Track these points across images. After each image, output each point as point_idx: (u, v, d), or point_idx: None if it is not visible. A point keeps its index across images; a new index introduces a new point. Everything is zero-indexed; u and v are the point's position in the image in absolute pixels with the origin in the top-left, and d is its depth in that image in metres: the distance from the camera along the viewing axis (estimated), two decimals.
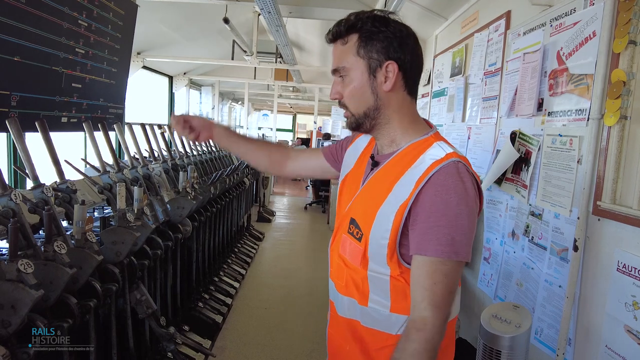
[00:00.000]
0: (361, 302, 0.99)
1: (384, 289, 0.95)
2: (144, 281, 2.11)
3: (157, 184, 2.42)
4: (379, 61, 0.93)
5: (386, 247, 0.92)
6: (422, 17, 3.36)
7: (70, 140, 3.85)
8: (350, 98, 0.97)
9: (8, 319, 1.15)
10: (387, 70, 0.93)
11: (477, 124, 2.42)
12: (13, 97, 2.27)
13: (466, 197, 0.87)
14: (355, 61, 0.94)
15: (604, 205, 1.33)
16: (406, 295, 0.93)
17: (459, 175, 0.87)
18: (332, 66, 0.98)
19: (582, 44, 1.48)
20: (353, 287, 1.00)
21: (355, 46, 0.94)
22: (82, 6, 2.78)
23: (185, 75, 7.20)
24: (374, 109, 0.96)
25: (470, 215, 0.87)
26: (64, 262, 1.37)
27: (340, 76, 0.97)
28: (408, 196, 0.88)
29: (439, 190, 0.86)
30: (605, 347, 1.29)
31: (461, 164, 0.89)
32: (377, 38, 0.93)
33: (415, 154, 0.93)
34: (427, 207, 0.87)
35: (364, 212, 0.97)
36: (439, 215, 0.86)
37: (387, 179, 0.95)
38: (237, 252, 4.35)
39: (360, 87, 0.95)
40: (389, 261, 0.93)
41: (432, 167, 0.88)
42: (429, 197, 0.87)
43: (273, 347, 2.79)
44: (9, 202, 1.35)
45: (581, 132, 1.47)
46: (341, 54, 0.96)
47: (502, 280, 2.00)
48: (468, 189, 0.88)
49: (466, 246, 0.87)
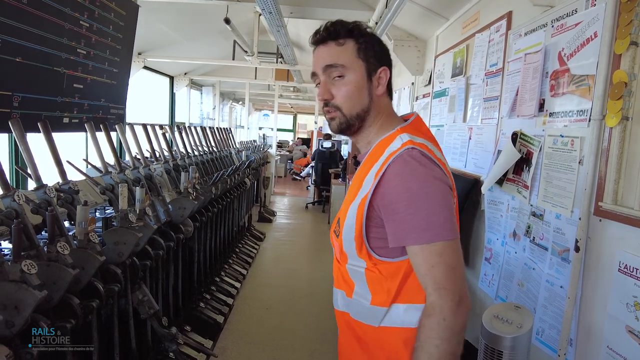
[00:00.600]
0: (348, 294, 1.03)
1: (362, 281, 0.99)
2: (145, 281, 2.11)
3: (158, 185, 2.43)
4: (374, 66, 0.99)
5: (353, 241, 0.96)
6: (423, 17, 3.36)
7: (72, 140, 3.85)
8: (347, 98, 0.98)
9: (12, 319, 1.16)
10: (380, 75, 1.00)
11: (479, 125, 2.42)
12: (15, 98, 2.27)
13: (428, 177, 0.89)
14: (356, 62, 0.98)
15: (605, 206, 1.33)
16: (382, 287, 0.96)
17: (414, 160, 0.89)
18: (325, 62, 0.98)
19: (583, 45, 1.48)
20: (342, 280, 1.05)
21: (355, 49, 0.98)
22: (84, 7, 2.79)
23: (186, 75, 7.21)
24: (366, 111, 1.00)
25: (438, 193, 0.88)
26: (67, 263, 1.37)
27: (337, 76, 0.98)
28: (368, 190, 0.92)
29: (398, 180, 0.89)
30: (606, 347, 1.29)
31: (415, 150, 0.91)
32: (373, 44, 1.00)
33: (382, 148, 0.97)
34: (393, 199, 0.89)
35: (343, 210, 1.02)
36: (405, 204, 0.88)
37: (359, 176, 0.99)
38: (238, 252, 4.36)
39: (359, 88, 0.98)
40: (358, 253, 0.97)
41: (387, 158, 0.92)
42: (392, 189, 0.89)
43: (274, 347, 2.80)
44: (12, 203, 1.35)
45: (582, 132, 1.47)
46: (338, 53, 0.98)
47: (504, 281, 2.00)
48: (429, 169, 0.89)
49: (445, 224, 0.87)
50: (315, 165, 7.93)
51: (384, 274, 0.95)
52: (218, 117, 8.53)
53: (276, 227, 6.19)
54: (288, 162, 12.95)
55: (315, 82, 1.03)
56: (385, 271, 0.95)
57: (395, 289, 0.94)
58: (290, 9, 3.91)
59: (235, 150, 5.19)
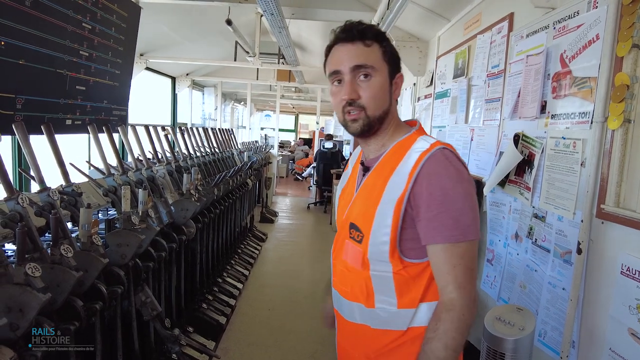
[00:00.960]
0: (368, 305, 1.00)
1: (389, 287, 0.97)
2: (148, 283, 2.12)
3: (161, 186, 2.44)
4: (394, 71, 1.02)
5: (388, 244, 0.95)
6: (424, 19, 3.36)
7: (74, 142, 3.86)
8: (373, 99, 0.97)
9: (16, 322, 1.16)
10: (397, 81, 1.03)
11: (480, 126, 2.42)
12: (18, 100, 2.29)
13: (459, 178, 0.91)
14: (383, 65, 0.99)
15: (607, 208, 1.33)
16: (410, 288, 0.96)
17: (447, 160, 0.92)
18: (355, 62, 0.96)
19: (585, 47, 1.48)
20: (358, 292, 1.02)
21: (381, 52, 0.99)
22: (86, 9, 2.80)
23: (188, 76, 7.22)
24: (386, 113, 1.01)
25: (468, 195, 0.91)
26: (71, 266, 1.38)
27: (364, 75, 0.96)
28: (403, 190, 0.92)
29: (432, 179, 0.90)
30: (609, 350, 1.29)
31: (447, 150, 0.94)
32: (394, 51, 1.02)
33: (403, 150, 0.97)
34: (425, 198, 0.90)
35: (362, 215, 1.00)
36: (438, 202, 0.89)
37: (379, 179, 0.98)
38: (240, 253, 4.37)
39: (384, 90, 0.99)
40: (390, 258, 0.95)
41: (420, 158, 0.92)
42: (425, 188, 0.91)
43: (277, 348, 2.80)
44: (16, 206, 1.36)
45: (585, 135, 1.47)
46: (367, 54, 0.97)
47: (506, 282, 2.00)
48: (459, 170, 0.92)
49: (472, 225, 0.91)
50: (316, 165, 7.93)
51: (411, 274, 0.96)
52: (220, 118, 8.55)
53: (278, 227, 6.20)
54: (290, 162, 12.96)
55: (334, 80, 1.00)
56: (413, 272, 0.96)
57: (423, 289, 0.96)
58: (291, 10, 3.92)
59: (237, 151, 5.20)
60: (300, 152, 13.23)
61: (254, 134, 11.46)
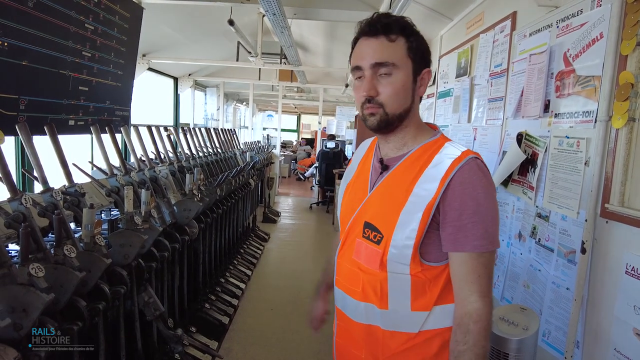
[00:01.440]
0: (381, 306, 0.99)
1: (404, 289, 0.97)
2: (151, 283, 2.12)
3: (163, 186, 2.44)
4: (420, 67, 0.98)
5: (411, 247, 0.93)
6: (427, 18, 3.35)
7: (77, 142, 3.88)
8: (393, 96, 0.95)
9: (20, 322, 1.17)
10: (424, 76, 0.99)
11: (483, 125, 2.41)
12: (22, 101, 2.29)
13: (490, 189, 0.93)
14: (406, 61, 0.96)
15: (612, 207, 1.32)
16: (425, 290, 0.96)
17: (480, 171, 0.92)
18: (375, 59, 0.94)
19: (589, 46, 1.48)
20: (371, 292, 1.00)
21: (406, 47, 0.95)
22: (89, 10, 2.80)
23: (190, 76, 7.23)
24: (408, 111, 0.98)
25: (495, 205, 0.94)
26: (74, 266, 1.38)
27: (384, 73, 0.94)
28: (434, 195, 0.91)
29: (466, 187, 0.90)
30: (614, 350, 1.29)
31: (479, 160, 0.94)
32: (422, 45, 0.98)
33: (430, 154, 0.96)
34: (457, 205, 0.90)
35: (382, 215, 0.98)
36: (470, 212, 0.90)
37: (404, 181, 0.96)
38: (242, 253, 4.37)
39: (406, 87, 0.96)
40: (412, 261, 0.94)
41: (453, 165, 0.91)
42: (457, 195, 0.90)
43: (280, 348, 2.80)
44: (19, 207, 1.36)
45: (588, 134, 1.46)
46: (389, 50, 0.94)
47: (509, 282, 1.99)
48: (490, 181, 0.94)
49: (497, 235, 0.93)
50: (319, 165, 7.94)
51: (428, 277, 0.96)
52: (222, 118, 8.56)
53: (280, 227, 6.20)
54: (292, 162, 12.97)
55: (356, 76, 0.98)
56: (430, 275, 0.96)
57: (438, 292, 0.96)
58: (294, 10, 3.91)
59: (239, 151, 5.20)
60: (302, 152, 13.23)
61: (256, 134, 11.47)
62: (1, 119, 2.13)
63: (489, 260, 0.92)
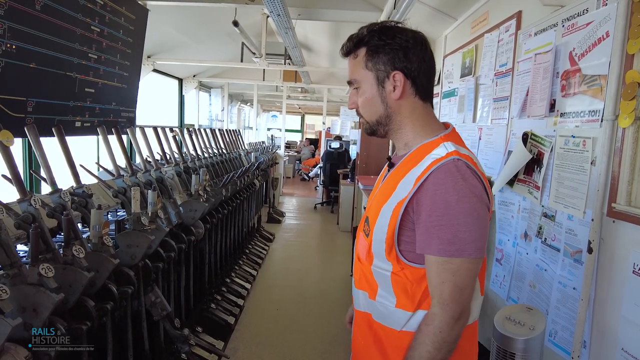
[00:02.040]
0: (371, 296, 1.03)
1: (387, 284, 0.99)
2: (158, 283, 2.14)
3: (169, 187, 2.45)
4: (385, 72, 0.99)
5: (384, 242, 0.96)
6: (431, 18, 3.35)
7: (84, 144, 3.90)
8: (363, 108, 1.04)
9: (30, 321, 1.18)
10: (395, 79, 0.99)
11: (488, 125, 2.41)
12: (29, 103, 2.31)
13: (467, 193, 0.89)
14: (365, 74, 1.01)
15: (618, 207, 1.32)
16: (407, 291, 0.96)
17: (458, 173, 0.90)
18: (348, 78, 1.06)
19: (595, 45, 1.47)
20: (365, 281, 1.05)
21: (364, 60, 1.00)
22: (95, 12, 2.82)
23: (195, 77, 7.26)
24: (385, 117, 1.02)
25: (473, 211, 0.89)
26: (82, 266, 1.39)
27: (354, 88, 1.04)
28: (406, 194, 0.93)
29: (438, 189, 0.89)
30: (621, 350, 1.28)
31: (461, 161, 0.91)
32: (382, 51, 0.99)
33: (422, 154, 0.97)
34: (427, 206, 0.90)
35: (373, 210, 1.02)
36: (439, 214, 0.88)
37: (395, 178, 0.99)
38: (248, 253, 4.39)
39: (370, 97, 1.02)
40: (387, 256, 0.96)
41: (430, 165, 0.91)
42: (429, 196, 0.90)
43: (285, 347, 2.81)
44: (28, 207, 1.38)
45: (595, 133, 1.46)
46: (353, 68, 1.03)
47: (515, 282, 1.99)
48: (470, 185, 0.90)
49: (473, 243, 0.88)
50: (323, 165, 7.94)
51: (410, 278, 0.95)
52: (227, 119, 8.58)
53: (285, 227, 6.21)
54: (296, 162, 12.98)
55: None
56: (412, 276, 0.95)
57: (421, 295, 0.95)
58: (298, 10, 3.92)
59: (244, 152, 5.22)
60: (307, 152, 13.24)
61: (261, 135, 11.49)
62: (10, 121, 2.15)
63: (459, 268, 0.88)
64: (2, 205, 1.26)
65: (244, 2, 3.68)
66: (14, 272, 1.21)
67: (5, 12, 2.03)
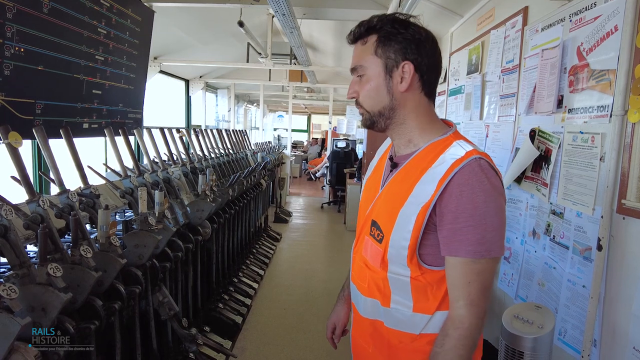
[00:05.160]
0: (384, 303, 0.99)
1: (405, 290, 0.96)
2: (165, 283, 2.15)
3: (176, 187, 2.47)
4: (395, 61, 0.95)
5: (407, 249, 0.92)
6: (437, 15, 3.33)
7: (91, 145, 3.94)
8: (367, 97, 0.98)
9: (39, 320, 1.19)
10: (404, 70, 0.94)
11: (495, 122, 2.39)
12: (38, 105, 2.34)
13: (493, 193, 0.87)
14: (373, 60, 0.96)
15: (628, 203, 1.30)
16: (427, 294, 0.94)
17: (482, 173, 0.87)
18: (351, 65, 1.00)
19: (603, 39, 1.45)
20: (375, 289, 1.01)
21: (374, 46, 0.95)
22: (101, 14, 2.85)
23: (201, 78, 7.29)
24: (389, 109, 0.97)
25: (499, 210, 0.88)
26: (90, 266, 1.40)
27: (358, 75, 0.99)
28: (430, 197, 0.89)
29: (464, 190, 0.86)
30: (632, 348, 1.26)
31: (483, 160, 0.89)
32: (395, 39, 0.94)
33: (436, 153, 0.93)
34: (453, 208, 0.87)
35: (385, 214, 0.98)
36: (466, 215, 0.86)
37: (407, 180, 0.95)
38: (255, 253, 4.39)
39: (376, 86, 0.96)
40: (409, 263, 0.93)
41: (453, 166, 0.88)
42: (454, 198, 0.87)
43: (293, 347, 2.81)
44: (37, 208, 1.39)
45: (603, 129, 1.44)
46: (360, 53, 0.98)
47: (523, 280, 1.97)
48: (494, 184, 0.88)
49: (498, 242, 0.88)
50: (330, 165, 7.94)
51: (429, 281, 0.93)
52: (233, 119, 8.61)
53: (292, 227, 6.21)
54: (303, 162, 12.99)
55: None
56: (431, 279, 0.93)
57: (441, 297, 0.93)
58: (303, 10, 3.92)
59: (250, 152, 5.23)
60: (313, 152, 13.24)
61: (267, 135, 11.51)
62: (18, 123, 2.18)
63: (485, 268, 0.87)
64: (11, 206, 1.27)
65: (249, 2, 3.69)
66: (23, 272, 1.23)
67: (13, 15, 2.06)
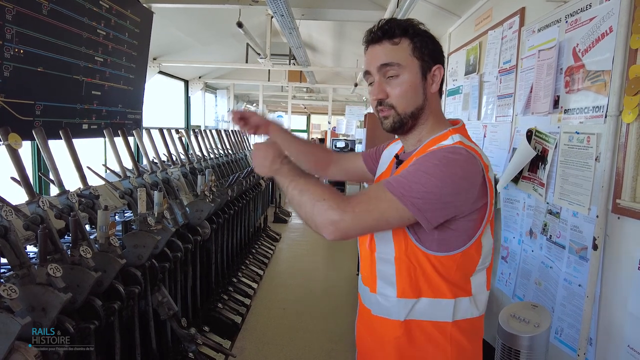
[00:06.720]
0: (372, 289, 1.02)
1: (390, 272, 0.97)
2: (164, 283, 2.16)
3: (176, 188, 2.48)
4: (429, 64, 0.98)
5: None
6: (435, 15, 3.34)
7: (90, 146, 3.94)
8: (402, 97, 0.97)
9: (39, 320, 1.20)
10: (435, 73, 0.99)
11: (493, 122, 2.40)
12: (37, 107, 2.35)
13: (448, 165, 0.87)
14: (411, 61, 0.97)
15: (623, 203, 1.31)
16: (410, 277, 0.95)
17: (453, 151, 0.90)
18: (381, 61, 0.97)
19: (598, 40, 1.46)
20: (368, 275, 1.04)
21: (410, 47, 0.97)
22: (101, 15, 2.86)
23: (201, 79, 7.30)
24: (420, 109, 0.99)
25: (446, 182, 0.86)
26: (90, 266, 1.42)
27: (389, 76, 0.97)
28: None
29: (427, 155, 0.90)
30: (627, 347, 1.27)
31: (463, 148, 0.91)
32: (427, 43, 0.98)
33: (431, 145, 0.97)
34: (411, 165, 0.91)
35: None
36: (413, 168, 0.89)
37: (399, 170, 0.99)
38: (254, 253, 4.40)
39: (414, 87, 0.97)
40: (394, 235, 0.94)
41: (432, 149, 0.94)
42: (417, 160, 0.91)
43: (292, 347, 2.82)
44: (37, 209, 1.40)
45: (599, 129, 1.45)
46: (393, 52, 0.97)
47: (521, 280, 1.98)
48: (458, 160, 0.88)
49: (420, 200, 0.85)
50: None
51: (413, 262, 0.94)
52: None
53: (291, 227, 6.23)
54: None
55: (368, 81, 1.02)
56: (416, 260, 0.94)
57: (428, 282, 0.94)
58: (301, 10, 3.93)
59: (250, 152, 5.23)
60: None
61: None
62: (18, 124, 2.19)
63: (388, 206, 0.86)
64: (11, 207, 1.28)
65: (248, 3, 3.69)
66: (23, 272, 1.24)
67: (13, 17, 2.06)
